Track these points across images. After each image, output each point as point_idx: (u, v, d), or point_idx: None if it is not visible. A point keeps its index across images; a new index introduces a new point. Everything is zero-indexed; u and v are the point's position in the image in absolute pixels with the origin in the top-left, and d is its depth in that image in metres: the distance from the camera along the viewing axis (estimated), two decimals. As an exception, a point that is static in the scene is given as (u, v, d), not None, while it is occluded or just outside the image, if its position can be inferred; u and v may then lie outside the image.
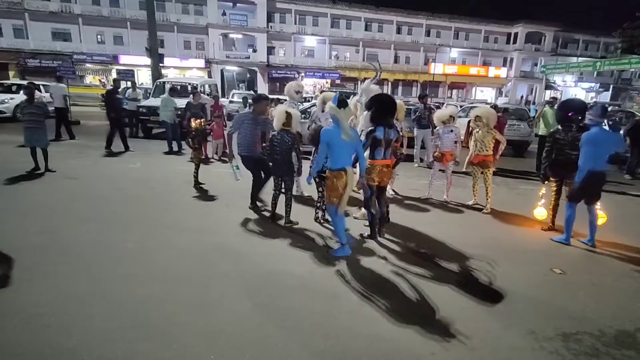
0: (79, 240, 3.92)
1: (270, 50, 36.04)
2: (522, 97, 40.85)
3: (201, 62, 34.02)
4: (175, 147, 9.02)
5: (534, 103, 25.21)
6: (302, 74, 36.34)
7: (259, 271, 3.46)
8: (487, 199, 5.53)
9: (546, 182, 4.89)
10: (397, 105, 6.07)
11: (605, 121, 4.24)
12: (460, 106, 16.83)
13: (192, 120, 6.23)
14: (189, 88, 11.45)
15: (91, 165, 7.34)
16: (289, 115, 4.43)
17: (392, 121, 4.15)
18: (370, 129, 4.03)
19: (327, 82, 36.46)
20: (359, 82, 37.15)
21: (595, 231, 4.37)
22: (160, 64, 14.42)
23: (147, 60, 13.67)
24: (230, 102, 17.48)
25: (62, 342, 2.41)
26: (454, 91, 41.93)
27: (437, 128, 6.06)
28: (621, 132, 8.35)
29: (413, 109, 8.55)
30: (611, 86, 43.13)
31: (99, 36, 33.28)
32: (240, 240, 4.11)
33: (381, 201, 4.29)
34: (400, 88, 40.38)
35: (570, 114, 4.62)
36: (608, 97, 41.70)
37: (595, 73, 36.59)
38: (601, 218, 4.54)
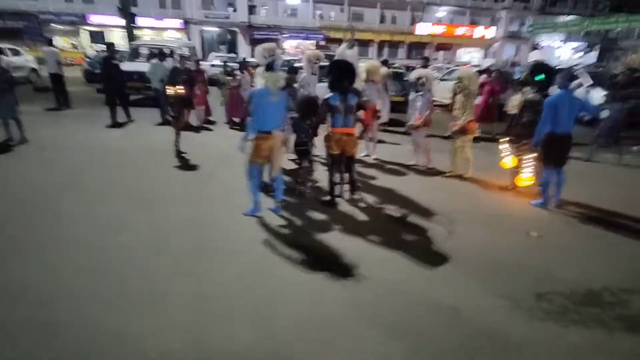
0: (59, 213, 3.86)
1: (251, 10, 34.30)
2: (507, 58, 40.46)
3: (178, 22, 32.26)
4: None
5: (519, 65, 25.05)
6: (285, 35, 35.01)
7: (240, 240, 3.49)
8: (468, 166, 5.48)
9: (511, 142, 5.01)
10: (370, 67, 5.99)
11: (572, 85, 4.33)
12: (447, 68, 16.63)
13: (168, 87, 5.97)
14: (166, 51, 10.90)
15: (68, 134, 7.08)
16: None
17: (351, 86, 4.09)
18: (326, 96, 4.00)
19: (311, 44, 35.29)
20: (345, 44, 36.11)
21: (560, 192, 4.51)
22: (133, 25, 13.59)
23: (120, 21, 12.85)
24: (212, 65, 16.81)
25: (51, 315, 2.42)
26: (441, 52, 41.19)
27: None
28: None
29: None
30: (598, 46, 42.99)
31: (65, -7, 30.99)
32: (223, 210, 4.10)
33: (350, 169, 4.26)
34: (386, 49, 39.40)
35: (541, 77, 4.67)
36: (594, 58, 41.69)
37: (583, 33, 36.29)
38: (529, 180, 4.80)
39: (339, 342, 2.32)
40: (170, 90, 5.84)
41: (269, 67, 3.71)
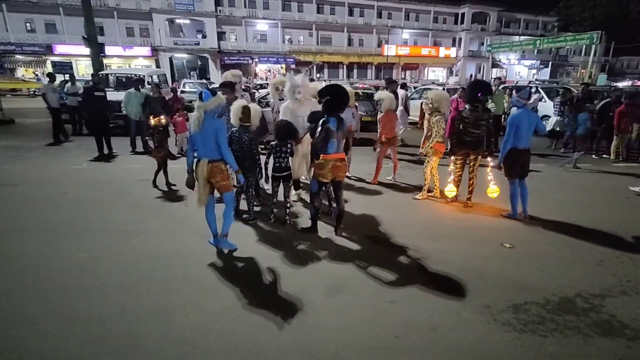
0: (23, 254, 3.65)
1: (220, 36, 34.68)
2: (471, 75, 42.53)
3: (147, 50, 32.12)
4: (139, 147, 8.25)
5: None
6: (256, 60, 35.47)
7: (220, 271, 3.40)
8: (435, 184, 5.52)
9: (453, 157, 5.20)
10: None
11: (530, 102, 4.57)
12: (414, 87, 17.28)
13: (150, 117, 5.83)
14: (135, 79, 10.81)
15: (30, 168, 6.78)
16: (246, 110, 4.27)
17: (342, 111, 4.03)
18: (323, 119, 3.86)
19: (282, 67, 35.89)
20: (314, 66, 36.93)
21: (526, 203, 4.72)
22: (102, 54, 13.41)
23: (87, 50, 12.64)
24: (182, 92, 16.73)
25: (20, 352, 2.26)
26: (407, 72, 42.83)
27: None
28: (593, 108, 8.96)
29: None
30: (550, 63, 46.01)
31: (28, 24, 30.33)
32: (199, 240, 3.99)
33: (339, 198, 4.10)
34: (355, 71, 40.60)
35: (479, 94, 4.89)
36: (548, 74, 44.53)
37: (536, 51, 38.79)
38: (494, 192, 5.02)
39: (324, 370, 2.27)
40: (152, 121, 5.65)
41: (200, 97, 3.45)
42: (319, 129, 3.84)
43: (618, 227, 4.49)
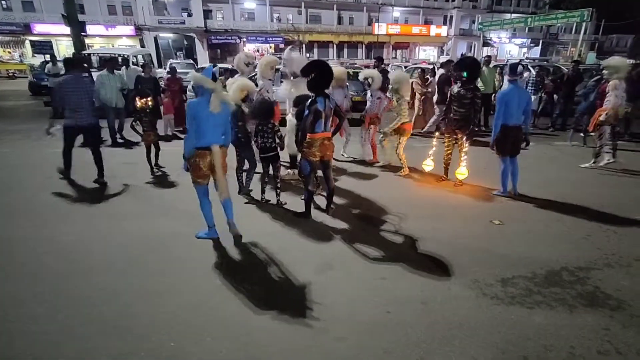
0: (11, 238, 3.58)
1: (207, 14, 33.61)
2: (462, 54, 42.21)
3: (130, 29, 31.04)
4: (119, 139, 7.40)
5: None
6: (244, 39, 34.60)
7: (209, 254, 3.40)
8: (402, 163, 5.57)
9: (443, 135, 5.21)
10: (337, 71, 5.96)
11: (519, 79, 4.68)
12: (405, 67, 17.13)
13: (136, 99, 5.41)
14: (120, 59, 10.48)
15: (12, 152, 6.61)
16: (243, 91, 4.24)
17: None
18: (311, 100, 3.75)
19: (270, 47, 35.12)
20: (304, 46, 36.21)
21: (516, 180, 4.75)
22: (83, 34, 12.90)
23: (67, 30, 12.15)
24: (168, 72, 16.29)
25: (3, 351, 2.24)
26: (398, 51, 42.30)
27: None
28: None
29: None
30: (541, 41, 45.86)
31: (3, 2, 28.99)
32: (188, 222, 3.95)
33: (328, 177, 4.04)
34: (345, 50, 39.94)
35: (463, 72, 4.78)
36: (538, 52, 44.43)
37: (527, 29, 38.56)
38: (462, 174, 5.03)
39: (317, 344, 2.30)
40: (138, 103, 5.36)
41: (214, 77, 3.25)
42: (306, 112, 3.74)
43: (605, 203, 4.57)
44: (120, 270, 3.08)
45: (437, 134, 5.30)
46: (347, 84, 6.83)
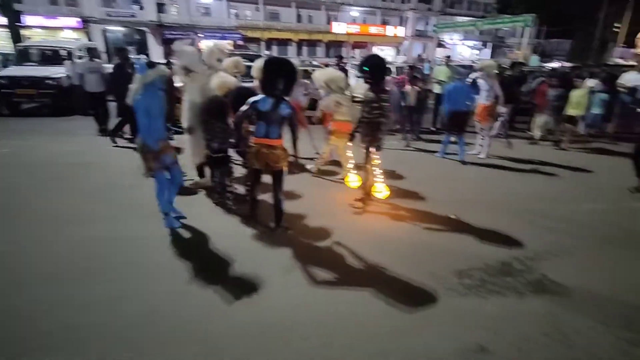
0: None
1: (160, 8, 32.17)
2: (419, 55, 43.64)
3: (75, 21, 29.01)
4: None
5: (429, 61, 27.26)
6: (201, 35, 33.54)
7: (169, 255, 3.25)
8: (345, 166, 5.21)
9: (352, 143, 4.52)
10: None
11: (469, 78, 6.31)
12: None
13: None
14: (63, 53, 9.78)
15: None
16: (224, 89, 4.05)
17: (288, 92, 3.45)
18: (253, 98, 3.37)
19: (228, 44, 34.29)
20: (262, 43, 35.77)
21: (462, 153, 6.21)
22: (19, 24, 11.88)
23: (4, 20, 11.13)
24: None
25: None
26: (357, 50, 42.94)
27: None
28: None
29: None
30: (491, 44, 48.47)
31: None
32: (145, 224, 3.77)
33: (274, 189, 3.57)
34: (305, 48, 39.93)
35: (366, 70, 4.12)
36: (489, 54, 46.90)
37: (478, 32, 40.54)
38: (380, 192, 4.50)
39: (280, 346, 2.27)
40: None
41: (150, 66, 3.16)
42: (244, 106, 3.36)
43: (556, 196, 4.92)
44: (78, 277, 2.86)
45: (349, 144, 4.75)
46: (307, 82, 6.78)
